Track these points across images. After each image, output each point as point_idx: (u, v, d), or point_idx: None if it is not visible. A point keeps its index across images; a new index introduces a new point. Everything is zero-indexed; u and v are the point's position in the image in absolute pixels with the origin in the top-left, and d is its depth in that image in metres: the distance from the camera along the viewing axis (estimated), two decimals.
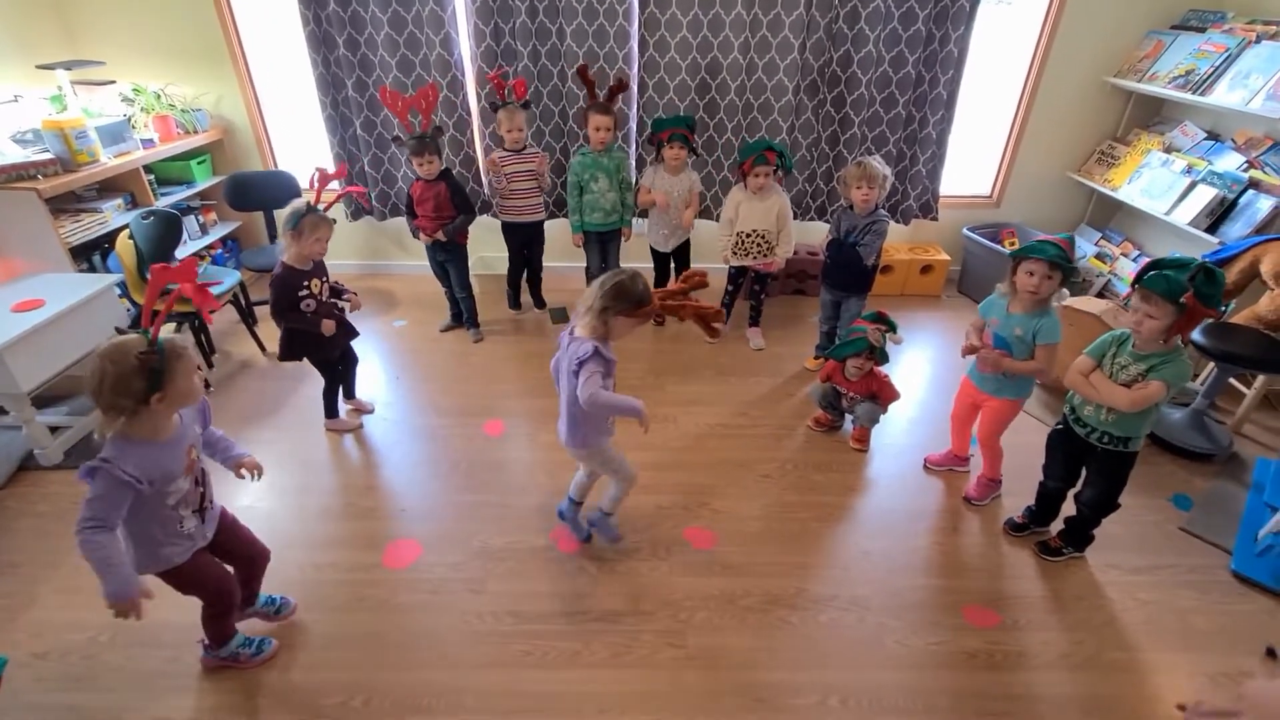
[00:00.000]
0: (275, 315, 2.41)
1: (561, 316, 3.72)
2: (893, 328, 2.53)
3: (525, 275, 3.70)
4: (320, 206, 2.41)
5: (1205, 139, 3.27)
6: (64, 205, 3.01)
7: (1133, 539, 2.23)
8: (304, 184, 3.67)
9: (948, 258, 3.97)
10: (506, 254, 3.59)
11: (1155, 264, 1.75)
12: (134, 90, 3.50)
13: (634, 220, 3.46)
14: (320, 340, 2.48)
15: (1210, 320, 2.52)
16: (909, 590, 2.04)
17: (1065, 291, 2.16)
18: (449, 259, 3.32)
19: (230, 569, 1.75)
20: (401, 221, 3.83)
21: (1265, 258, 2.56)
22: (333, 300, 2.57)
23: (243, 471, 1.71)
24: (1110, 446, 1.92)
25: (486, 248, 4.00)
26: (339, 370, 2.73)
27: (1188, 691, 1.76)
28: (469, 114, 3.59)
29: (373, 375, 3.19)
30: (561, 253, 3.80)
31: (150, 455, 1.41)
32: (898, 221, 3.88)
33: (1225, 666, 1.82)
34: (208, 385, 3.01)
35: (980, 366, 2.19)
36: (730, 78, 3.44)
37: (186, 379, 1.40)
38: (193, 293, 1.46)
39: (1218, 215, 2.96)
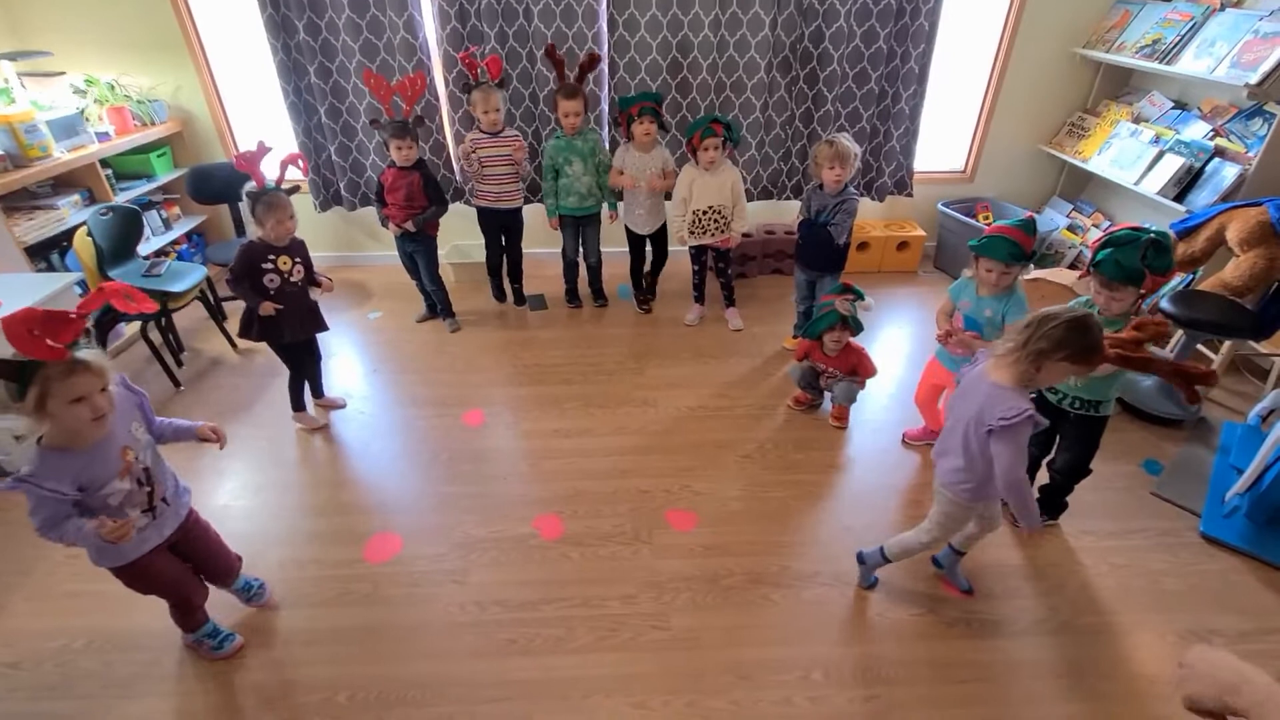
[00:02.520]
0: (229, 282, 2.35)
1: (540, 304, 3.68)
2: (859, 295, 2.55)
3: (505, 264, 3.62)
4: (272, 184, 2.33)
5: (1173, 108, 3.31)
6: (17, 203, 2.91)
7: (1105, 505, 2.28)
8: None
9: (923, 233, 3.99)
10: (483, 241, 3.52)
11: (1106, 243, 1.78)
12: (86, 81, 3.38)
13: (617, 204, 3.40)
14: (276, 321, 2.40)
15: (1169, 284, 2.58)
16: (888, 564, 2.07)
17: (1030, 267, 2.19)
18: (418, 250, 3.26)
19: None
20: (371, 212, 3.76)
21: (1231, 225, 2.60)
22: (303, 285, 2.44)
23: (208, 435, 1.66)
24: (1082, 411, 1.96)
25: (461, 235, 3.94)
26: (302, 362, 2.63)
27: (1161, 651, 1.81)
28: (437, 99, 3.51)
29: (349, 368, 3.14)
30: (539, 239, 3.76)
31: (74, 463, 1.36)
32: (873, 198, 3.89)
33: (1195, 625, 1.87)
34: (177, 384, 2.95)
35: (952, 349, 2.23)
36: (701, 56, 3.40)
37: (63, 400, 1.29)
38: (120, 300, 1.41)
39: (1185, 184, 3.00)
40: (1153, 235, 1.73)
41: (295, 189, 2.40)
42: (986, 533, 1.88)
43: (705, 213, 3.08)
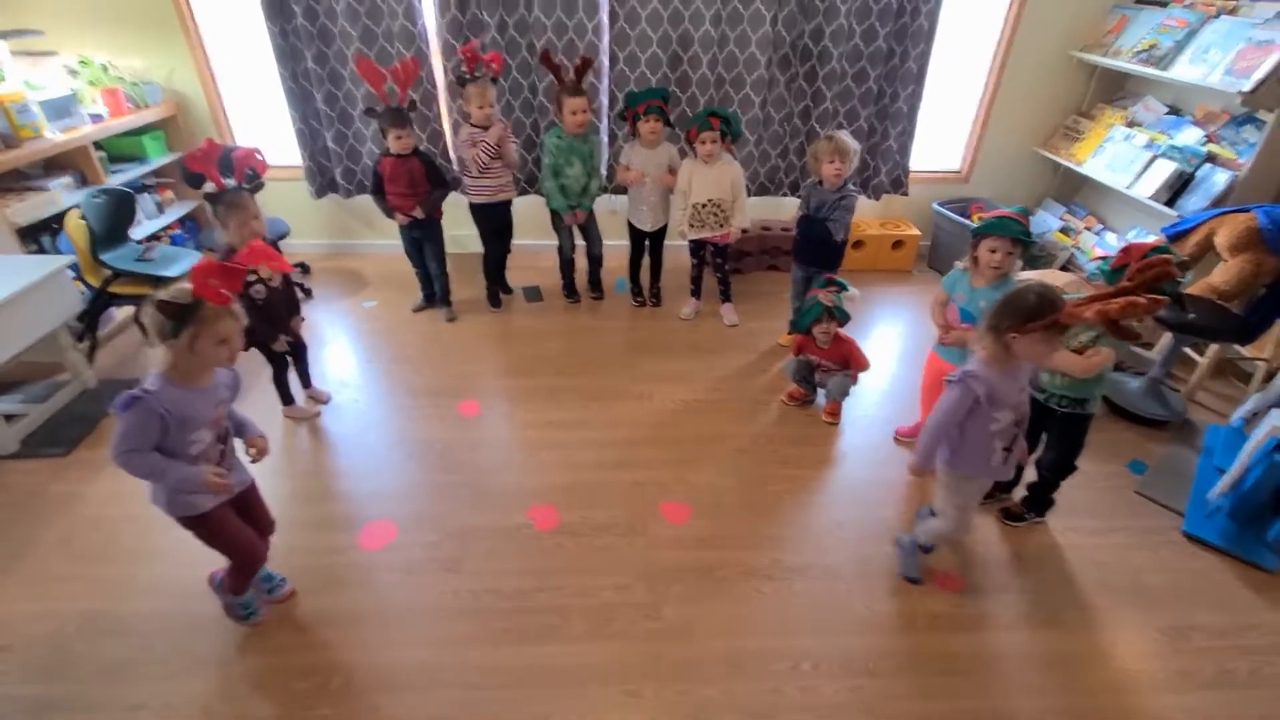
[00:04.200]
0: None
1: (535, 295, 3.68)
2: (843, 286, 2.57)
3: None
4: (231, 183, 2.26)
5: (1167, 113, 3.34)
6: (8, 184, 2.87)
7: (1091, 503, 2.32)
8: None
9: (918, 233, 4.02)
10: (476, 232, 3.48)
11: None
12: (80, 62, 3.33)
13: (596, 201, 3.37)
14: (265, 324, 2.37)
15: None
16: (878, 558, 2.10)
17: (1019, 264, 2.23)
18: (425, 236, 3.24)
19: None
20: (368, 199, 3.73)
21: (1220, 230, 2.63)
22: (283, 282, 2.40)
23: (250, 450, 1.74)
24: (1068, 409, 2.01)
25: (455, 226, 3.92)
26: (285, 357, 2.60)
27: (1142, 646, 1.85)
28: (435, 87, 3.49)
29: (344, 357, 3.13)
30: (534, 230, 3.75)
31: (183, 398, 1.48)
32: (869, 196, 3.91)
33: (1176, 621, 1.91)
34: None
35: (945, 342, 2.26)
36: (702, 50, 3.40)
37: (211, 341, 1.46)
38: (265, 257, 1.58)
39: (1177, 189, 3.04)
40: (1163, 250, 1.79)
41: (259, 186, 2.30)
42: (951, 533, 1.93)
43: (704, 206, 3.09)
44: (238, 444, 1.73)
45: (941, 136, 4.03)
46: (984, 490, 1.87)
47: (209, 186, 2.25)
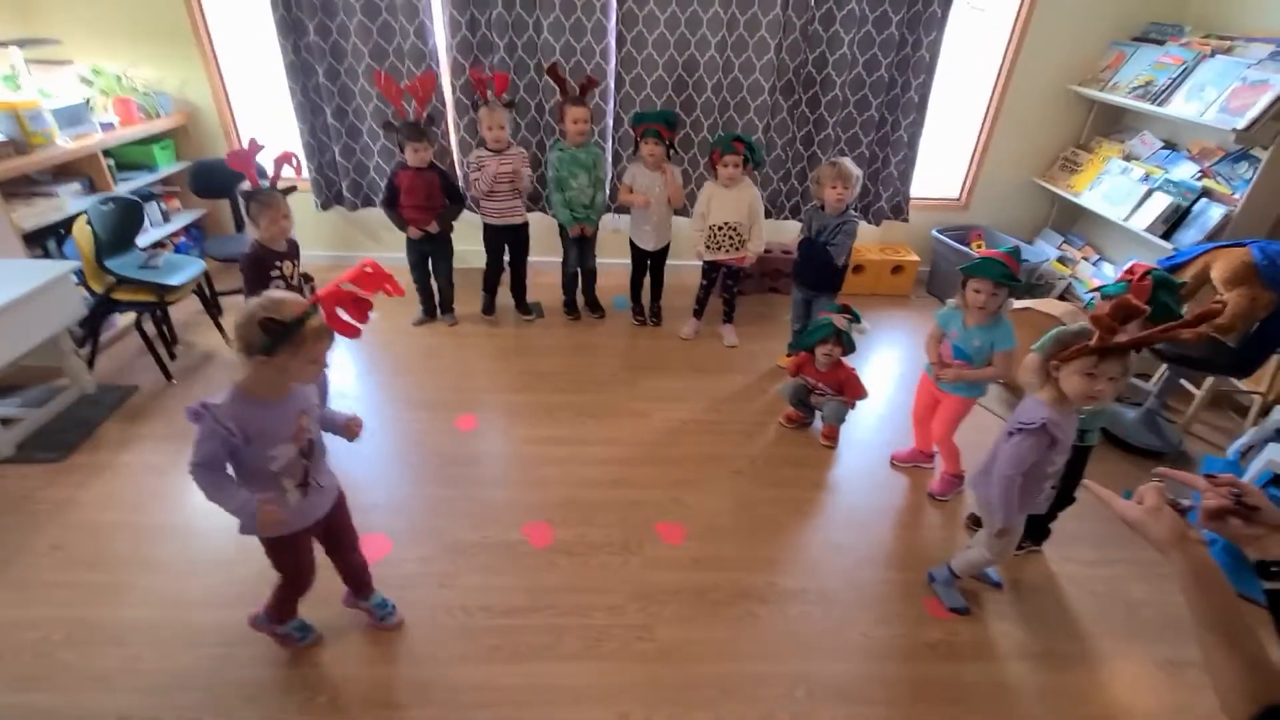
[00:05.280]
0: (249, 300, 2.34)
1: (538, 312, 3.69)
2: (856, 318, 2.59)
3: (506, 278, 3.58)
4: (266, 184, 2.34)
5: (1162, 148, 3.39)
6: (17, 189, 2.90)
7: (1088, 533, 2.31)
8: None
9: (917, 259, 4.06)
10: (482, 249, 3.52)
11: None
12: (93, 71, 3.38)
13: (603, 219, 3.43)
14: None
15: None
16: (874, 583, 2.09)
17: (1012, 301, 2.26)
18: (436, 250, 3.28)
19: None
20: (373, 212, 3.76)
21: (1216, 263, 2.66)
22: (300, 288, 2.51)
23: (355, 429, 1.67)
24: None
25: (460, 242, 3.95)
26: None
27: (1138, 679, 1.84)
28: (444, 105, 3.54)
29: (343, 368, 3.14)
30: (536, 247, 3.77)
31: (258, 413, 1.40)
32: (869, 222, 3.95)
33: (1172, 655, 1.90)
34: (169, 377, 2.93)
35: (943, 379, 2.30)
36: (707, 76, 3.46)
37: (305, 361, 1.38)
38: (382, 279, 1.43)
39: (1173, 222, 3.08)
40: (1164, 276, 1.82)
41: (291, 189, 2.40)
42: (990, 564, 1.93)
43: (721, 228, 3.12)
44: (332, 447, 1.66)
45: (942, 165, 4.09)
46: (1023, 524, 1.86)
47: (245, 184, 2.32)
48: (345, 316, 1.36)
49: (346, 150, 3.64)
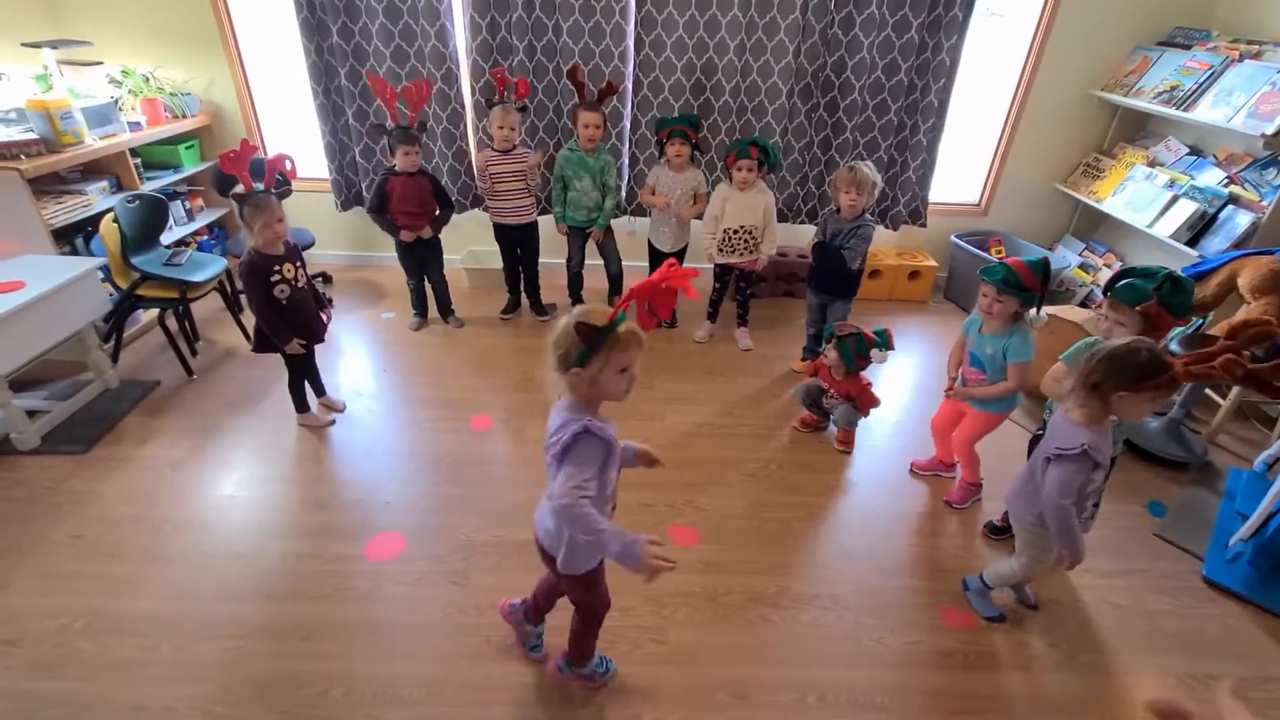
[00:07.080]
0: (254, 310, 2.35)
1: (552, 312, 3.70)
2: (882, 343, 2.53)
3: (522, 276, 3.62)
4: (259, 187, 2.30)
5: (1188, 154, 3.34)
6: (47, 187, 2.96)
7: (1108, 544, 2.27)
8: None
9: (935, 264, 4.02)
10: (497, 249, 3.55)
11: (1126, 272, 1.81)
12: (122, 72, 3.46)
13: (615, 221, 3.44)
14: (297, 327, 2.43)
15: (1179, 328, 2.59)
16: (888, 590, 2.07)
17: (1042, 315, 2.19)
18: (429, 253, 3.31)
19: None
20: None
21: (1243, 272, 2.61)
22: (311, 285, 2.51)
23: (653, 459, 1.57)
24: None
25: (476, 241, 3.99)
26: (308, 362, 2.64)
27: (1157, 692, 1.80)
28: (463, 107, 3.58)
29: (359, 367, 3.17)
30: (550, 249, 3.79)
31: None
32: (887, 227, 3.92)
33: (1193, 669, 1.86)
34: (190, 373, 2.98)
35: (952, 396, 2.28)
36: (725, 79, 3.46)
37: (615, 369, 1.25)
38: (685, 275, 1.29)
39: (1198, 229, 3.02)
40: (1174, 274, 1.76)
41: (286, 192, 2.35)
42: (1020, 578, 1.91)
43: (735, 232, 3.12)
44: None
45: (961, 169, 4.05)
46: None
47: (238, 188, 2.28)
48: (650, 307, 1.26)
49: (367, 151, 3.68)
